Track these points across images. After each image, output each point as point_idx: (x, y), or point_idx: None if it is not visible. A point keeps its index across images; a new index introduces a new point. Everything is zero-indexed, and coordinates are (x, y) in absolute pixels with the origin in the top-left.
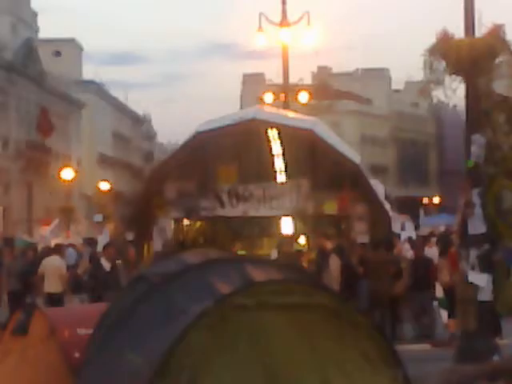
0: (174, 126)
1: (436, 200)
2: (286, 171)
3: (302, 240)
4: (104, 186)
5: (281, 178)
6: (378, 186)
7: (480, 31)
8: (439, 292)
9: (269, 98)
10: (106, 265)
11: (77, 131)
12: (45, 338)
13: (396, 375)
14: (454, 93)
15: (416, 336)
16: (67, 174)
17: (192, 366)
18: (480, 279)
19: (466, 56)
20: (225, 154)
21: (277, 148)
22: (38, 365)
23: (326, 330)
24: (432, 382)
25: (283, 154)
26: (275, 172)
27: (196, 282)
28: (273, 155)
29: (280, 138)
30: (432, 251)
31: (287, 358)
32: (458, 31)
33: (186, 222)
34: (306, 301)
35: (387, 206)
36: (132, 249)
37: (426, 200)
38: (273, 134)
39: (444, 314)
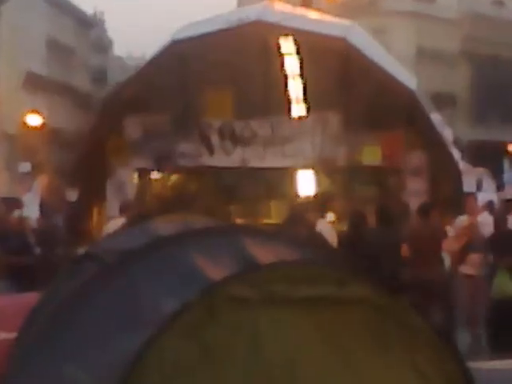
0: (137, 33)
1: None
2: (305, 100)
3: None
4: (33, 119)
5: (298, 110)
6: (443, 125)
7: None
8: None
9: None
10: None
11: None
12: None
13: None
14: None
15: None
16: None
17: None
18: None
19: None
20: (214, 72)
21: (293, 65)
22: None
23: (363, 336)
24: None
25: (302, 75)
26: (289, 101)
27: (172, 264)
28: (286, 76)
29: (298, 50)
30: None
31: (304, 373)
32: None
33: (155, 174)
34: (335, 293)
35: (456, 154)
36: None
37: None
38: (287, 44)
39: None
